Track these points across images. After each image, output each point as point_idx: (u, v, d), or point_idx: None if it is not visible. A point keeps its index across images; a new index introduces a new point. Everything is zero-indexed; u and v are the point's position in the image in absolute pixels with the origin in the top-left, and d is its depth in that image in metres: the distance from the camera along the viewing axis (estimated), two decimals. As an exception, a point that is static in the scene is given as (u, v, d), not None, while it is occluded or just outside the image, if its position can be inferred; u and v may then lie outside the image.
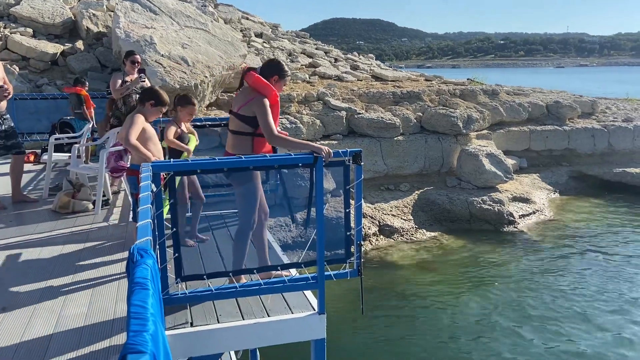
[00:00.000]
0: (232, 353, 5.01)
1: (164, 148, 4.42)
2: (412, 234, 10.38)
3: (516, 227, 10.72)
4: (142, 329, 1.23)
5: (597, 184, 13.42)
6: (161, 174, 2.91)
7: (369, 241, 9.94)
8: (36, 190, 6.48)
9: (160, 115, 4.22)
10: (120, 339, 3.00)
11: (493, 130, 13.02)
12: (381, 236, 10.19)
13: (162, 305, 1.83)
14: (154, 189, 2.79)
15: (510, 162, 12.11)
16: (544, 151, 13.70)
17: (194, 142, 4.61)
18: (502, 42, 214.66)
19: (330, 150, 3.23)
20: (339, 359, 6.21)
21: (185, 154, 4.46)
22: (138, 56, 6.44)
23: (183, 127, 4.58)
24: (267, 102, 3.47)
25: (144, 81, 6.06)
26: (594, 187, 13.33)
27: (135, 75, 6.24)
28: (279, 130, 3.58)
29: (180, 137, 4.49)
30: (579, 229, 10.85)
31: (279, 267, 3.35)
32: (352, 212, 3.35)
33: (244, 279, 3.46)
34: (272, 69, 3.62)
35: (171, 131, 4.50)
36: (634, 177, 13.19)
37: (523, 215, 11.19)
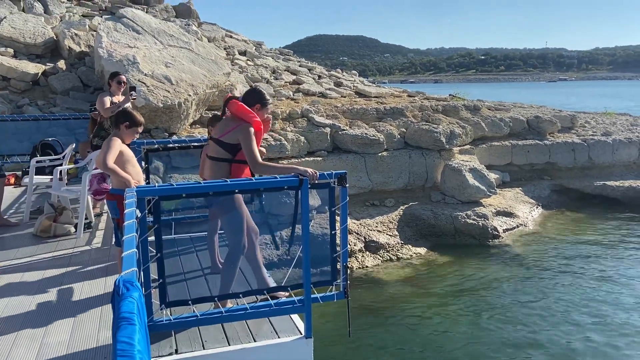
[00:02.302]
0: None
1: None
2: (398, 250, 10.39)
3: (500, 241, 10.81)
4: (128, 367, 1.21)
5: (578, 197, 13.63)
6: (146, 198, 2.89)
7: (355, 257, 9.92)
8: (17, 213, 6.37)
9: (136, 136, 4.20)
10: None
11: (475, 145, 13.18)
12: (367, 252, 10.19)
13: (148, 338, 1.80)
14: (139, 215, 2.76)
15: (493, 176, 12.25)
16: (525, 165, 13.89)
17: None
18: (482, 57, 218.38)
19: (317, 172, 3.23)
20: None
21: None
22: (124, 76, 6.42)
23: None
24: (252, 130, 3.52)
25: (135, 99, 6.06)
26: (575, 200, 13.53)
27: (121, 97, 6.23)
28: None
29: None
30: (562, 241, 10.98)
31: (265, 291, 3.33)
32: (338, 233, 3.36)
33: (230, 304, 3.43)
34: (254, 98, 3.70)
35: (204, 154, 4.42)
36: (614, 189, 13.42)
37: (507, 229, 11.29)
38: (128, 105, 6.02)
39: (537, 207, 12.81)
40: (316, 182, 3.18)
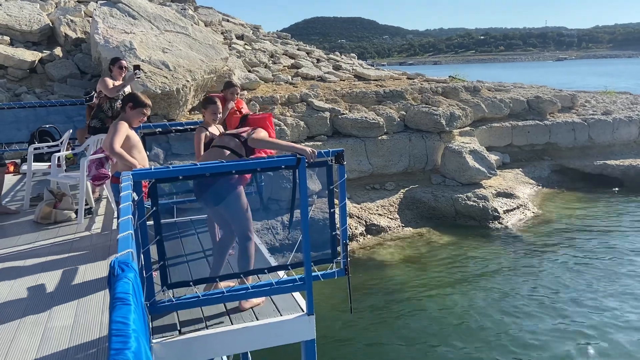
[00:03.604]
0: (224, 357, 4.99)
1: None
2: (399, 232, 10.43)
3: (501, 223, 10.83)
4: (123, 346, 1.22)
5: (578, 176, 13.62)
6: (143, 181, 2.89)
7: (356, 241, 9.96)
8: (16, 201, 6.38)
9: (145, 119, 4.17)
10: (107, 351, 2.97)
11: (475, 127, 13.13)
12: (368, 235, 10.22)
13: (145, 318, 1.81)
14: (135, 198, 2.76)
15: (493, 158, 12.23)
16: (525, 146, 13.86)
17: None
18: (482, 37, 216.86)
19: (315, 151, 3.23)
20: (329, 359, 6.22)
21: None
22: (124, 61, 6.42)
23: (214, 130, 4.48)
24: (265, 132, 3.66)
25: (139, 77, 6.08)
26: (575, 180, 13.53)
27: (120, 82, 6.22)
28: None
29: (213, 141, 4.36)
30: (563, 222, 11.00)
31: (266, 270, 3.35)
32: (337, 211, 3.36)
33: (232, 284, 3.45)
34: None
35: (197, 137, 4.39)
36: (614, 169, 13.41)
37: (507, 211, 11.31)
38: (132, 84, 6.04)
39: (537, 188, 12.81)
40: (314, 160, 3.18)
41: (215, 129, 4.43)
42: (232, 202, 3.40)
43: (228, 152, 3.53)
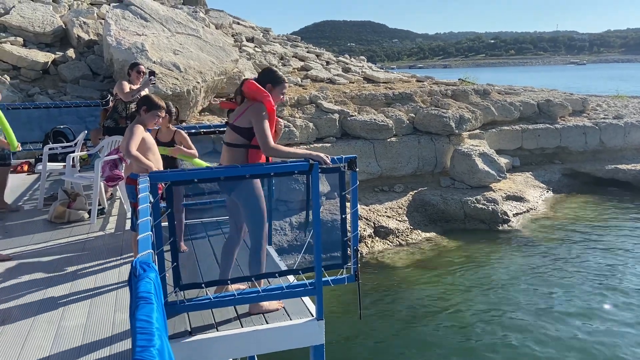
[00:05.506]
0: (231, 360, 5.02)
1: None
2: (408, 235, 10.42)
3: (510, 226, 10.79)
4: (148, 344, 1.25)
5: (589, 181, 13.54)
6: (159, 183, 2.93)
7: (365, 243, 9.96)
8: (31, 200, 6.46)
9: (159, 120, 4.21)
10: (120, 349, 3.01)
11: (485, 130, 13.10)
12: (376, 238, 10.22)
13: (165, 317, 1.85)
14: (152, 200, 2.80)
15: (503, 161, 12.19)
16: (536, 149, 13.80)
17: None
18: (492, 41, 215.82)
19: (329, 157, 3.24)
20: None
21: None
22: (143, 67, 6.54)
23: (164, 134, 4.58)
24: (264, 109, 3.33)
25: (154, 83, 6.20)
26: (586, 184, 13.45)
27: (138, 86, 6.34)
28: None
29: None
30: (573, 226, 10.94)
31: (276, 274, 3.37)
32: (348, 217, 3.38)
33: (242, 287, 3.47)
34: (265, 77, 3.49)
35: None
36: (626, 173, 13.31)
37: (517, 214, 11.26)
38: (147, 90, 6.16)
39: (547, 192, 12.75)
40: (327, 166, 3.19)
41: (165, 133, 4.58)
42: (244, 188, 3.33)
43: (234, 148, 3.44)
